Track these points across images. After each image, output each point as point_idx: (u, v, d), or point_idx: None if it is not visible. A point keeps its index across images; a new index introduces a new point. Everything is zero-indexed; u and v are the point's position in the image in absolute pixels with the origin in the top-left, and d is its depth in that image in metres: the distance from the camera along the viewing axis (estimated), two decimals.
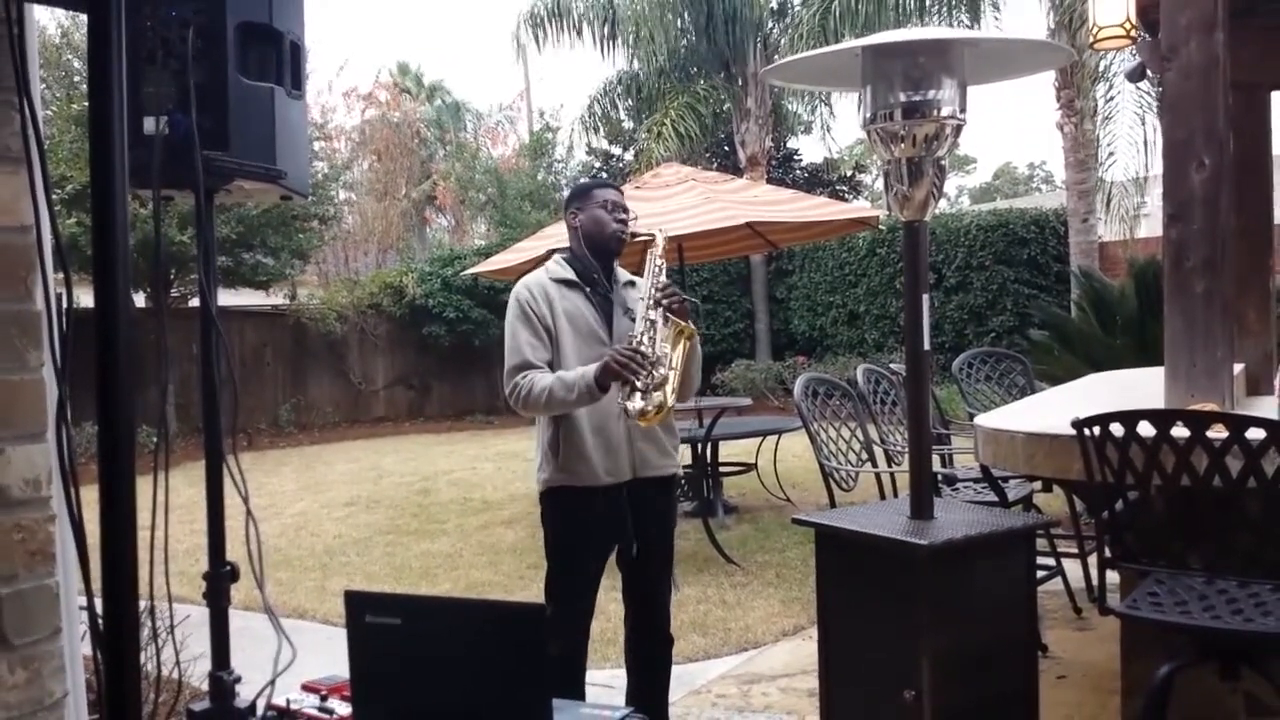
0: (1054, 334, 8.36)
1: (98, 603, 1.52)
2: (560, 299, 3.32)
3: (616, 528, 3.32)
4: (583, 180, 3.88)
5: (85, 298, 1.49)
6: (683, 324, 3.20)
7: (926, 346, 2.86)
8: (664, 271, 3.29)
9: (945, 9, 15.55)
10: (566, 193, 3.71)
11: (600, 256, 3.40)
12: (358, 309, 16.30)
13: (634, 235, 3.40)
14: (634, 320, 3.24)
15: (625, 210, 3.42)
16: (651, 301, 3.21)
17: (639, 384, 3.08)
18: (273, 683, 2.15)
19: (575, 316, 3.31)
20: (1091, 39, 4.45)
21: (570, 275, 3.36)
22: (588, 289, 3.36)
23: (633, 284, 3.42)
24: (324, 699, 2.19)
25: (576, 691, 3.30)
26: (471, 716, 1.95)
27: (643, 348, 3.12)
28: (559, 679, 3.19)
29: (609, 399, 3.15)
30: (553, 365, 3.27)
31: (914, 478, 2.91)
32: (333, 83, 30.97)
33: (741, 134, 18.15)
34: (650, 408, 3.10)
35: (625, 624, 3.52)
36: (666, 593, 3.50)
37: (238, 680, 2.28)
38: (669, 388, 3.14)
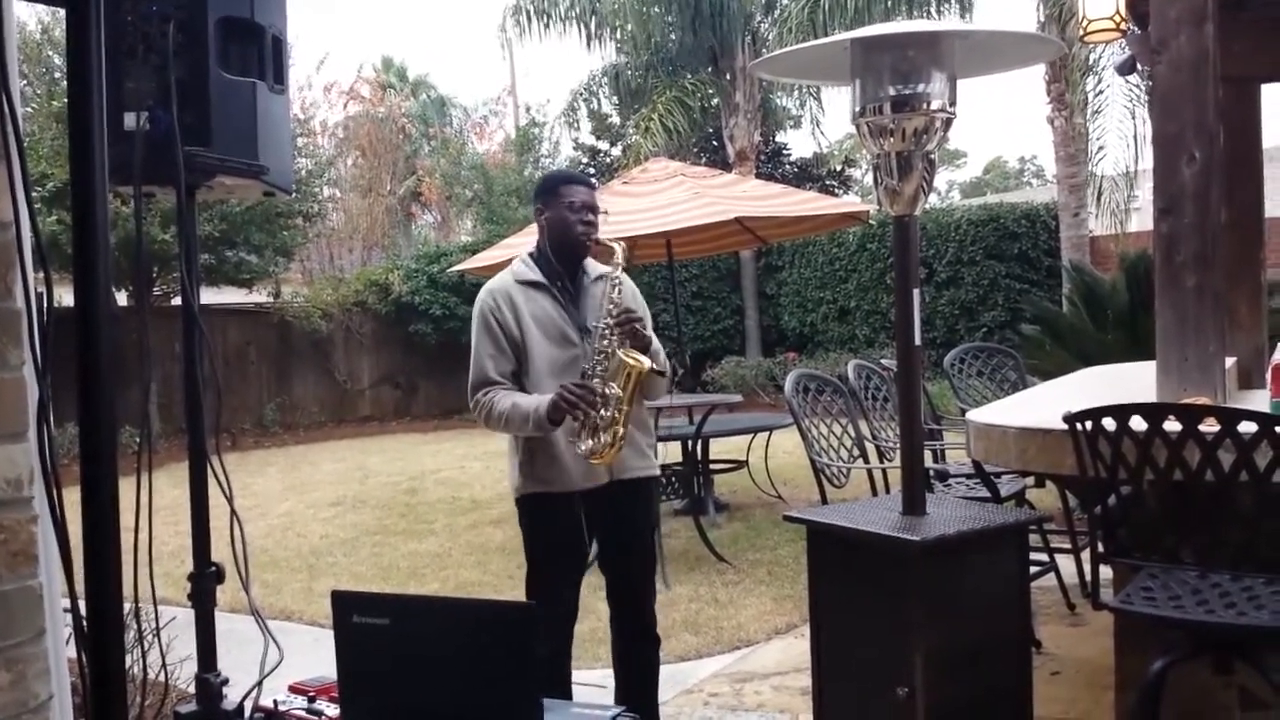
0: (1045, 329, 8.37)
1: (81, 604, 1.50)
2: (526, 302, 3.26)
3: (594, 531, 3.32)
4: (553, 172, 3.80)
5: (66, 296, 1.47)
6: (631, 363, 3.09)
7: (917, 342, 2.85)
8: (621, 289, 3.19)
9: (933, 3, 15.57)
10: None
11: (565, 259, 3.31)
12: (343, 307, 16.22)
13: (598, 241, 3.27)
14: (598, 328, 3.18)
15: (594, 210, 3.28)
16: (605, 327, 3.14)
17: (588, 422, 3.11)
18: (260, 684, 2.14)
19: (542, 319, 3.25)
20: (1081, 32, 4.45)
21: (536, 276, 3.29)
22: (555, 288, 3.29)
23: (604, 279, 3.30)
24: (312, 700, 2.18)
25: (563, 691, 3.28)
26: (461, 717, 1.94)
27: (594, 382, 3.11)
28: (550, 680, 3.18)
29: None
30: (520, 372, 3.26)
31: (906, 474, 2.90)
32: (312, 78, 30.80)
33: (730, 129, 18.15)
34: (600, 447, 3.12)
35: (611, 626, 3.50)
36: (651, 593, 3.47)
37: (225, 682, 2.27)
38: (618, 429, 3.12)
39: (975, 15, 15.69)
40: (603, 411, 3.10)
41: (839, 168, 23.13)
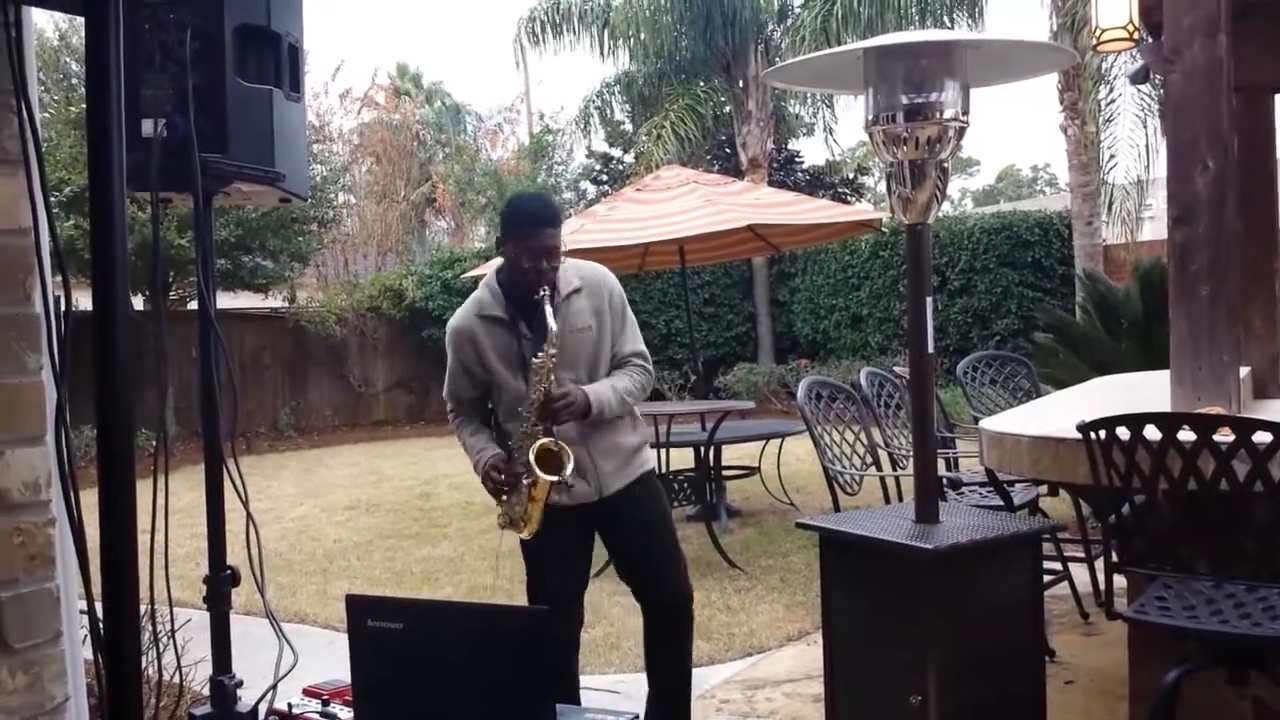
0: (1059, 337, 8.34)
1: (98, 607, 1.51)
2: (486, 335, 3.27)
3: (587, 539, 3.34)
4: (519, 205, 3.54)
5: (84, 301, 1.48)
6: (538, 473, 3.07)
7: (930, 350, 2.85)
8: (550, 372, 3.10)
9: (946, 12, 15.56)
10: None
11: (518, 303, 3.23)
12: (357, 312, 16.29)
13: (538, 301, 3.11)
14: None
15: (551, 256, 3.13)
16: (528, 411, 3.12)
17: (504, 501, 3.23)
18: (274, 687, 2.14)
19: (505, 354, 3.26)
20: (1094, 41, 4.44)
21: (498, 311, 3.26)
22: (517, 322, 3.25)
23: (579, 291, 3.24)
24: (326, 703, 2.19)
25: (569, 696, 3.27)
26: None
27: (510, 467, 3.19)
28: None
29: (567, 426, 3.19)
30: (490, 393, 3.37)
31: (919, 482, 2.90)
32: (329, 85, 30.96)
33: (743, 136, 18.15)
34: (519, 524, 3.20)
35: (643, 625, 3.44)
36: (675, 572, 3.37)
37: (239, 685, 2.28)
38: (530, 519, 3.15)
39: (987, 24, 15.68)
40: (516, 502, 3.18)
41: (852, 175, 23.11)
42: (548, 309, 3.10)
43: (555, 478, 3.09)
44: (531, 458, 3.08)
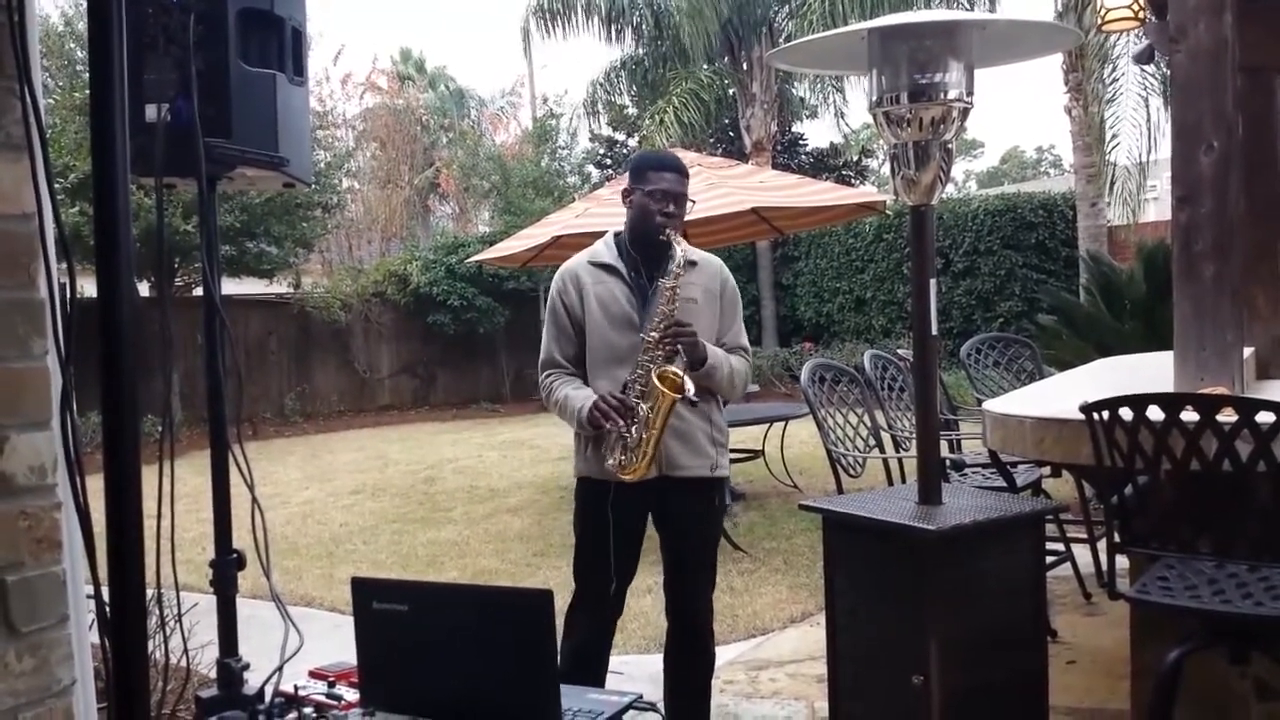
0: (1062, 319, 8.34)
1: (105, 591, 1.52)
2: (594, 284, 3.20)
3: (639, 523, 3.23)
4: (647, 152, 3.64)
5: (89, 288, 1.49)
6: (663, 390, 2.98)
7: (934, 332, 2.85)
8: (676, 299, 3.06)
9: None
10: (626, 167, 3.46)
11: (640, 245, 3.22)
12: (362, 297, 16.31)
13: (672, 239, 3.12)
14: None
15: (678, 201, 3.18)
16: (650, 340, 3.04)
17: (619, 435, 3.03)
18: (280, 670, 2.15)
19: (608, 301, 3.18)
20: (1099, 20, 4.43)
21: (610, 260, 3.23)
22: (629, 273, 3.21)
23: (694, 264, 3.19)
24: (332, 685, 2.20)
25: (597, 679, 3.23)
26: (479, 702, 1.95)
27: (633, 396, 3.02)
28: (579, 665, 3.14)
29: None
30: (581, 355, 3.21)
31: (922, 463, 2.90)
32: (330, 70, 30.86)
33: (747, 119, 18.12)
34: (629, 463, 3.04)
35: (667, 621, 3.41)
36: (701, 600, 3.32)
37: (246, 667, 2.29)
38: (646, 450, 3.02)
39: (997, 4, 15.60)
40: (633, 430, 3.01)
41: (855, 157, 23.04)
42: (675, 246, 3.09)
43: (679, 395, 2.98)
44: (654, 376, 3.00)
